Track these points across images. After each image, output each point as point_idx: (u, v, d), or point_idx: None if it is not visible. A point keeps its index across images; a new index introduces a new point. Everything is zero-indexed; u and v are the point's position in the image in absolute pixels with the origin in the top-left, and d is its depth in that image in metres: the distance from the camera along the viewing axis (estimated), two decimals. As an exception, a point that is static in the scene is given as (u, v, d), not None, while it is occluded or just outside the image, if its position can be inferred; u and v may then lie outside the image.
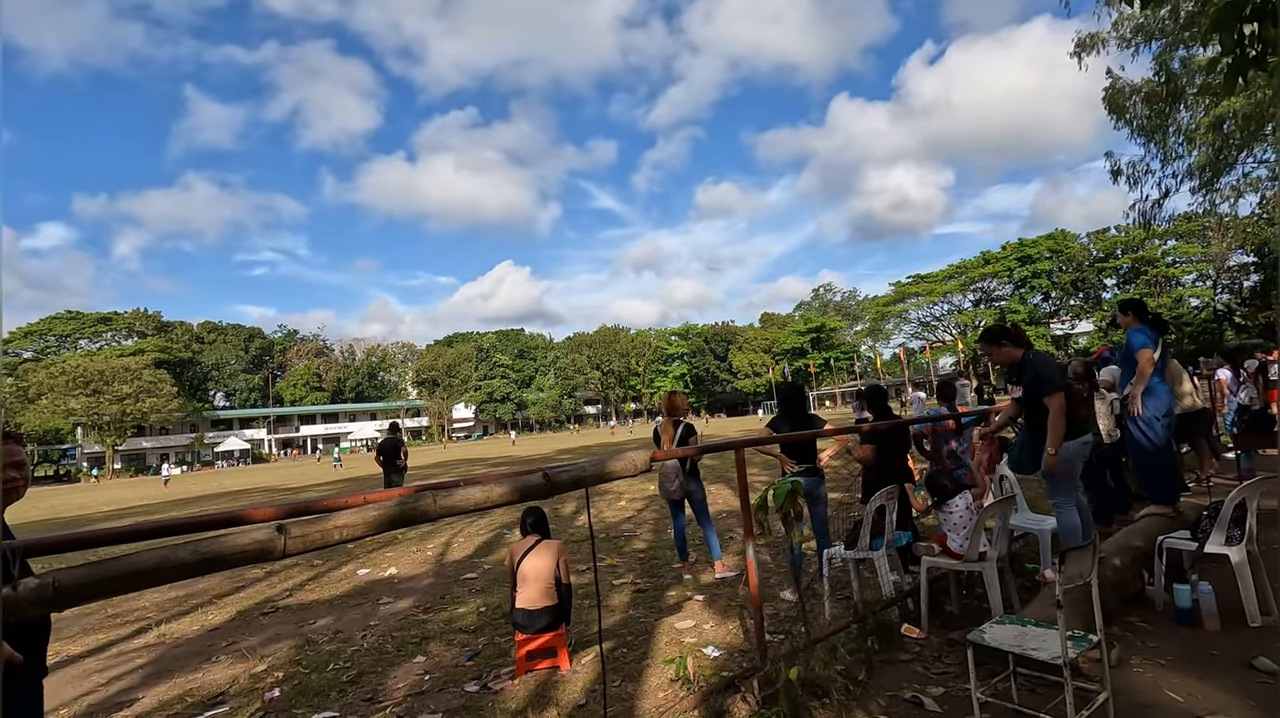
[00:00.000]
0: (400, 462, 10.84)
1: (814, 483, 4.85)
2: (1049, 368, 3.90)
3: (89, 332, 79.04)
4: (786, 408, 5.05)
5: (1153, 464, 5.05)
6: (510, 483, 2.35)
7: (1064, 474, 3.88)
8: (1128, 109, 21.00)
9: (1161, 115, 20.77)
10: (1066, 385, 3.87)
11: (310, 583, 6.96)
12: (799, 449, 4.87)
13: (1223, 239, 51.27)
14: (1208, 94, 19.06)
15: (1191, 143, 21.19)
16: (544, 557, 4.12)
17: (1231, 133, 19.79)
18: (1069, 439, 3.83)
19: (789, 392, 5.13)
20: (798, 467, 4.86)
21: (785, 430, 4.89)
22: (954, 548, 3.92)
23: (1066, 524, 3.86)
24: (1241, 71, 3.68)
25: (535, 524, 4.32)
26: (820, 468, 4.94)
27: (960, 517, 3.92)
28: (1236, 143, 20.22)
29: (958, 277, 72.37)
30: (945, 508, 4.03)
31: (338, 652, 4.64)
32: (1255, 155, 21.44)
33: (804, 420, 4.95)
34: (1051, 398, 3.79)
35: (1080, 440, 3.83)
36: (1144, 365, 4.95)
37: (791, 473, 4.86)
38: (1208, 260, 55.85)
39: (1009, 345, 4.08)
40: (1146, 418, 5.00)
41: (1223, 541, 3.83)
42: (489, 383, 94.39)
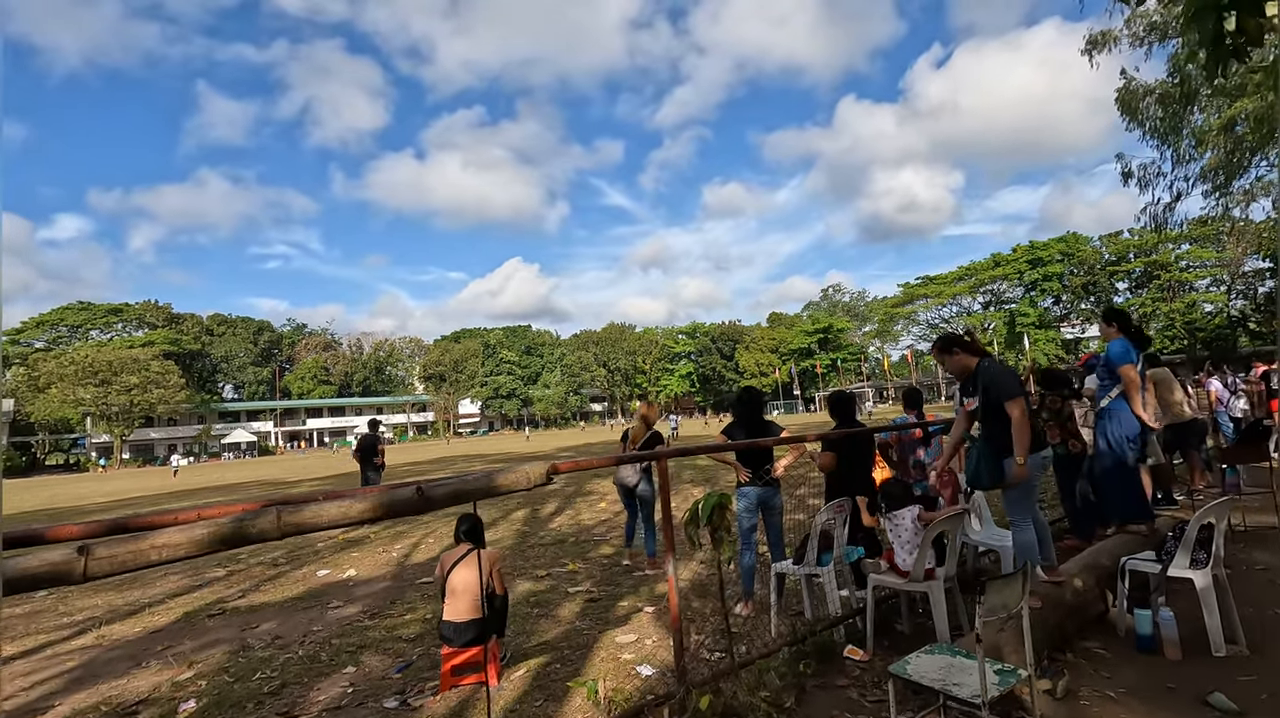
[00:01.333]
0: (378, 459, 10.70)
1: (769, 493, 4.65)
2: (1007, 375, 3.68)
3: (100, 322, 79.75)
4: (742, 414, 4.85)
5: (1112, 485, 4.82)
6: (376, 498, 2.17)
7: (1022, 489, 3.66)
8: (1140, 110, 20.59)
9: (1175, 117, 20.35)
10: (1026, 392, 3.65)
11: (267, 583, 6.83)
12: (755, 458, 4.66)
13: (1238, 244, 50.35)
14: (1222, 95, 18.65)
15: (1203, 145, 20.76)
16: (474, 567, 3.94)
17: (1244, 135, 19.36)
18: (1039, 451, 3.62)
19: (744, 397, 4.92)
20: (751, 476, 4.66)
21: (741, 438, 4.69)
22: (901, 564, 3.72)
23: (1022, 542, 3.65)
24: (1221, 62, 3.51)
25: (468, 532, 4.14)
26: (776, 477, 4.73)
27: (907, 530, 3.72)
28: (1249, 145, 19.79)
29: (967, 278, 71.70)
30: (893, 519, 3.83)
31: (270, 659, 4.49)
32: (1269, 159, 20.98)
33: (760, 427, 4.75)
34: (1013, 404, 3.57)
35: (1040, 454, 3.61)
36: (1132, 381, 4.73)
37: (745, 482, 4.67)
38: (1222, 265, 54.91)
39: (962, 354, 3.87)
40: (1115, 439, 4.78)
41: (1187, 563, 3.61)
42: (495, 379, 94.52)
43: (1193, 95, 19.37)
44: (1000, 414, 3.65)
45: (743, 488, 4.67)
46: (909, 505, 3.84)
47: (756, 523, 4.69)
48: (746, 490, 4.65)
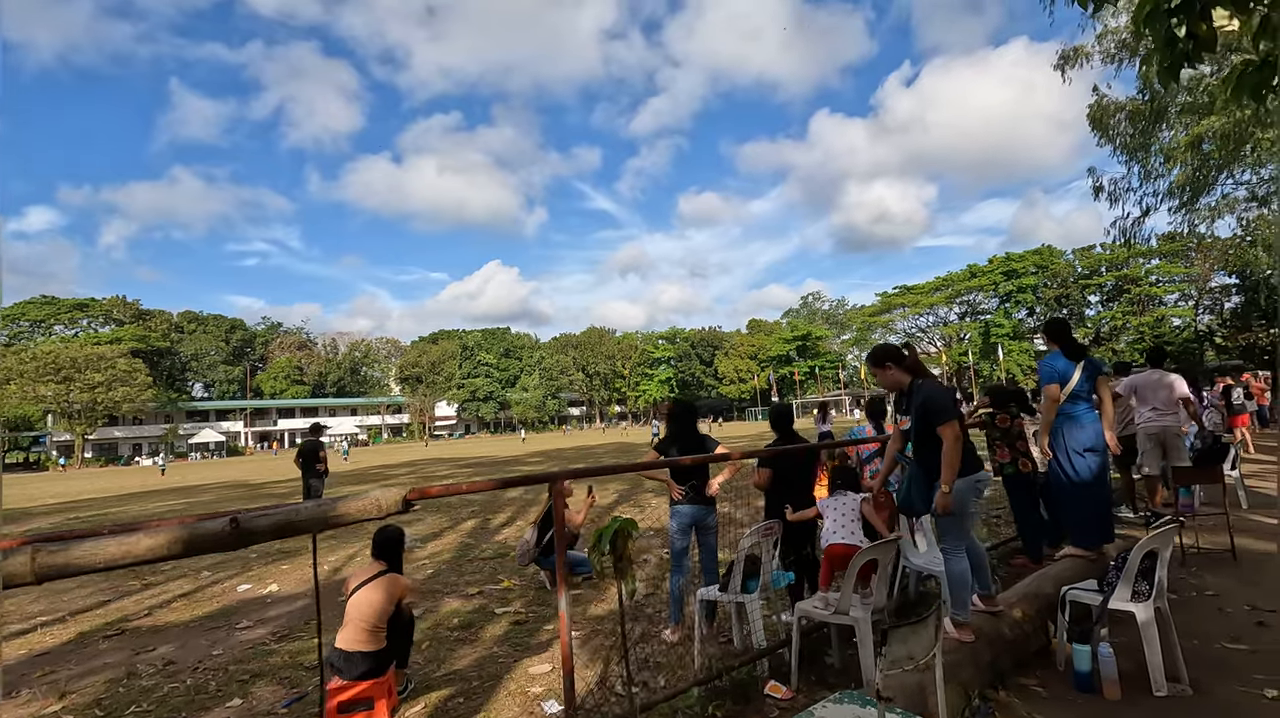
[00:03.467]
0: (320, 466, 10.26)
1: (703, 511, 4.37)
2: (941, 395, 3.45)
3: (64, 318, 77.61)
4: (676, 428, 4.56)
5: (1073, 503, 4.61)
6: (173, 533, 1.84)
7: (955, 515, 3.42)
8: (1111, 126, 20.81)
9: (1144, 134, 20.59)
10: (961, 414, 3.42)
11: (182, 599, 6.41)
12: (689, 474, 4.38)
13: (1204, 260, 51.43)
14: (1191, 113, 18.86)
15: (1171, 161, 21.00)
16: (380, 591, 3.61)
17: (1211, 153, 19.60)
18: (961, 476, 3.37)
19: (677, 410, 4.64)
20: (684, 493, 4.38)
21: (674, 453, 4.41)
22: (826, 536, 3.57)
23: (955, 572, 3.40)
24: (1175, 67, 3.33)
25: (381, 549, 3.80)
26: (711, 495, 4.45)
27: (848, 510, 3.54)
28: (1216, 163, 20.04)
29: (944, 289, 72.40)
30: (837, 496, 3.66)
31: (153, 689, 4.12)
32: (1235, 177, 21.28)
33: (695, 442, 4.47)
34: (946, 427, 3.34)
35: (974, 478, 3.37)
36: (1048, 404, 4.53)
37: (678, 500, 4.39)
38: (1190, 281, 56.02)
39: (894, 369, 3.63)
40: (1068, 450, 4.57)
41: (1129, 596, 3.39)
42: (472, 382, 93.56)
43: (1162, 112, 19.61)
44: (933, 437, 3.41)
45: (675, 507, 4.39)
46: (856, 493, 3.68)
47: (689, 544, 4.41)
48: (679, 509, 4.38)
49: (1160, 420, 6.55)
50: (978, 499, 3.42)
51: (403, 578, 3.72)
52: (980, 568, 3.67)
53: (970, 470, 3.38)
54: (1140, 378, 6.86)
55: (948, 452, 3.32)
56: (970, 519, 3.44)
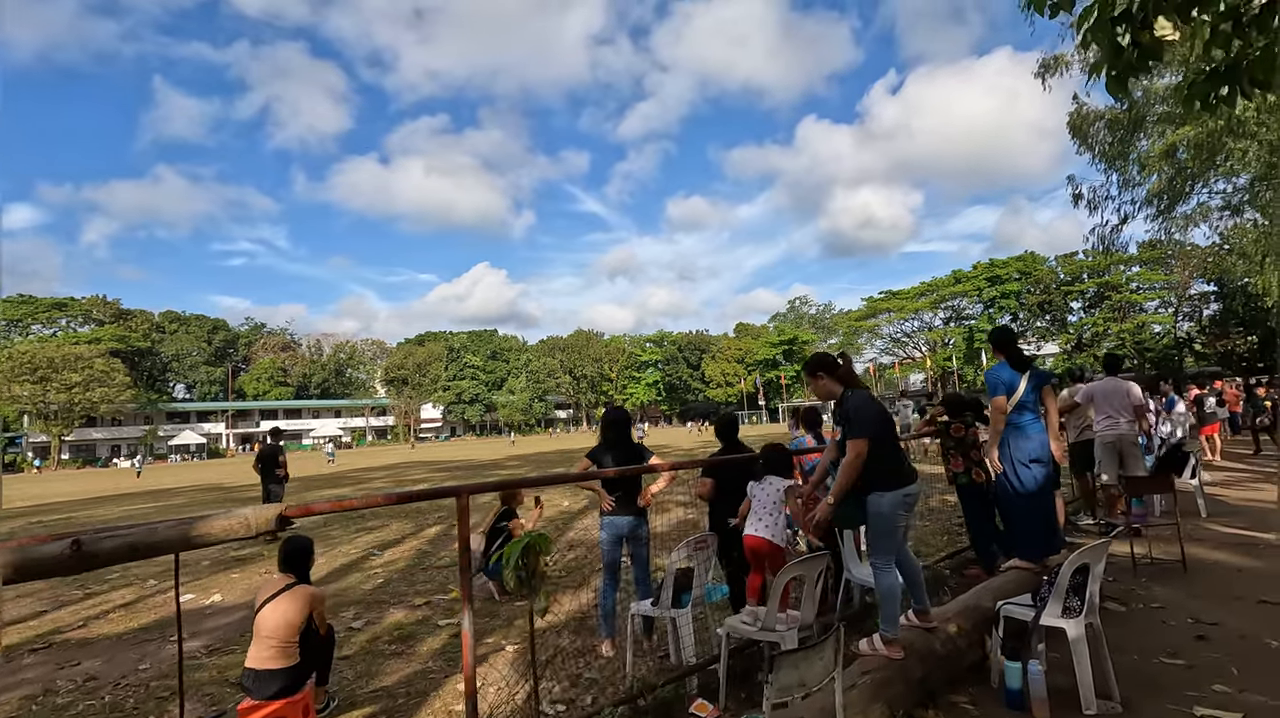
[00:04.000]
0: (280, 471, 10.06)
1: (635, 522, 4.26)
2: (864, 409, 3.38)
3: (42, 317, 76.44)
4: (610, 436, 4.47)
5: (1019, 516, 4.56)
6: (2, 556, 1.73)
7: (882, 529, 3.34)
8: (1090, 135, 21.04)
9: (1122, 142, 20.83)
10: (877, 432, 3.34)
11: (122, 609, 6.24)
12: (621, 484, 4.28)
13: (1184, 268, 52.07)
14: (1168, 122, 19.07)
15: (1147, 169, 21.21)
16: (289, 605, 3.48)
17: (1185, 162, 19.79)
18: (889, 490, 3.31)
19: (611, 417, 4.55)
20: (615, 503, 4.28)
21: (607, 462, 4.31)
22: (751, 531, 3.50)
23: (883, 587, 3.33)
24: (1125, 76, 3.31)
25: (288, 560, 3.66)
26: (644, 505, 4.36)
27: (770, 501, 3.48)
28: (1190, 172, 20.25)
29: (929, 294, 72.83)
30: (762, 484, 3.59)
31: (67, 707, 3.97)
32: (1210, 186, 21.52)
33: (628, 451, 4.38)
34: (853, 443, 3.29)
35: (901, 493, 3.30)
36: (995, 416, 4.48)
37: (609, 511, 4.29)
38: (1170, 288, 56.66)
39: (826, 379, 3.56)
40: (1014, 461, 4.52)
41: (1059, 612, 3.33)
42: (458, 384, 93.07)
43: (1140, 121, 19.84)
44: (877, 444, 3.35)
45: (606, 517, 4.29)
46: (785, 479, 3.60)
47: (620, 555, 4.32)
48: (609, 520, 4.28)
49: (1117, 429, 6.54)
50: (907, 514, 3.35)
51: (314, 589, 3.59)
52: (915, 583, 3.61)
53: (898, 484, 3.31)
54: (1098, 386, 6.84)
55: (844, 467, 3.29)
56: (899, 534, 3.37)
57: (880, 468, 3.34)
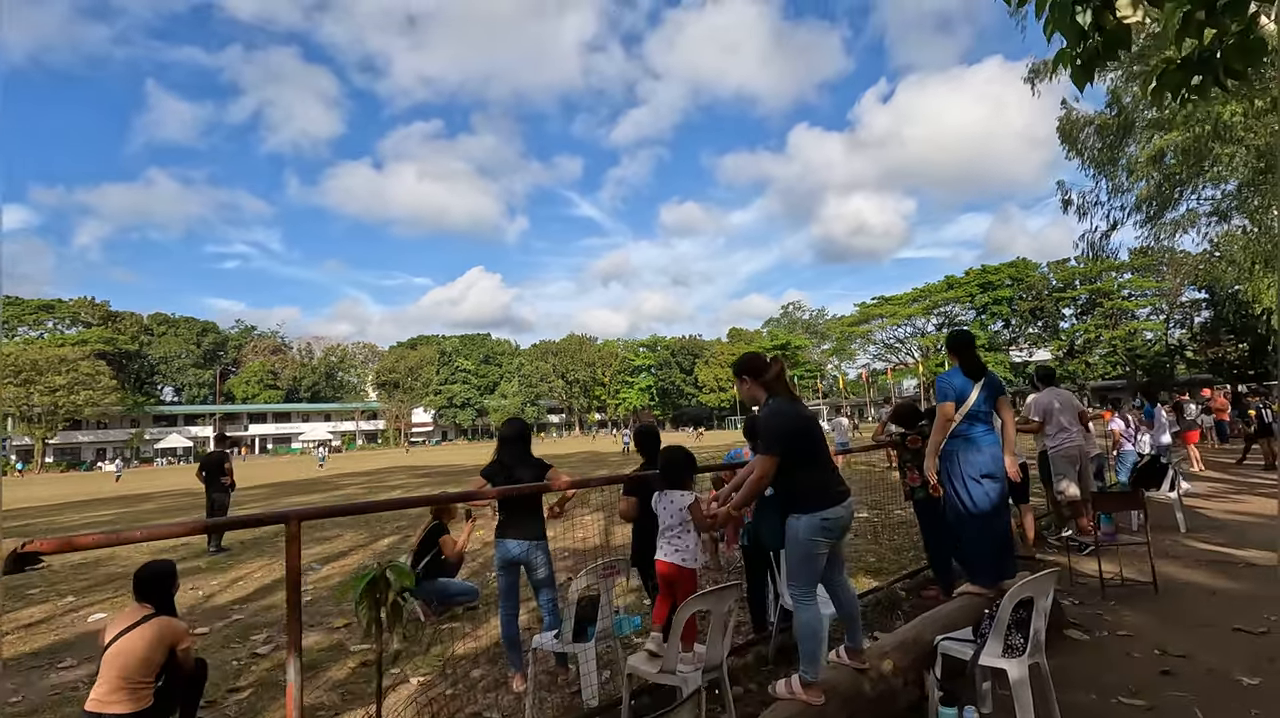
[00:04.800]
0: (225, 479, 9.62)
1: (527, 547, 3.86)
2: (773, 421, 3.02)
3: (29, 319, 75.65)
4: (507, 452, 4.08)
5: (969, 536, 4.20)
6: None
7: (800, 555, 2.98)
8: (1079, 140, 20.86)
9: (1112, 148, 20.67)
10: (791, 448, 2.98)
11: (24, 630, 5.82)
12: (517, 505, 3.90)
13: (1175, 275, 52.01)
14: (1157, 127, 18.88)
15: (1134, 175, 21.03)
16: (143, 639, 3.08)
17: (1173, 168, 19.59)
18: (805, 513, 2.94)
19: (509, 431, 4.17)
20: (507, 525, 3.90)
21: (503, 479, 3.93)
22: (660, 556, 3.15)
23: (800, 622, 2.96)
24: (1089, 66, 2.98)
25: (143, 588, 3.26)
26: (542, 528, 3.98)
27: (674, 519, 3.13)
28: (1178, 178, 20.06)
29: (921, 300, 72.72)
30: (663, 498, 3.24)
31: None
32: (1199, 193, 21.32)
33: (529, 467, 4.00)
34: (759, 460, 2.94)
35: (820, 516, 2.93)
36: (940, 424, 4.13)
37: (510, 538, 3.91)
38: (1161, 295, 56.62)
39: (749, 383, 3.21)
40: (964, 476, 4.16)
41: (1000, 651, 2.96)
42: (449, 388, 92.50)
43: (1129, 127, 19.66)
44: (783, 465, 2.99)
45: (498, 540, 3.92)
46: (688, 491, 3.23)
47: (515, 582, 3.93)
48: (499, 543, 3.90)
49: (1074, 440, 6.26)
50: (829, 541, 2.98)
51: (174, 622, 3.20)
52: (850, 617, 3.23)
53: (817, 507, 2.94)
54: (1045, 398, 6.51)
55: (749, 484, 2.97)
56: (819, 562, 3.00)
57: (796, 488, 2.98)
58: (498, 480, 3.91)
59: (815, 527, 2.91)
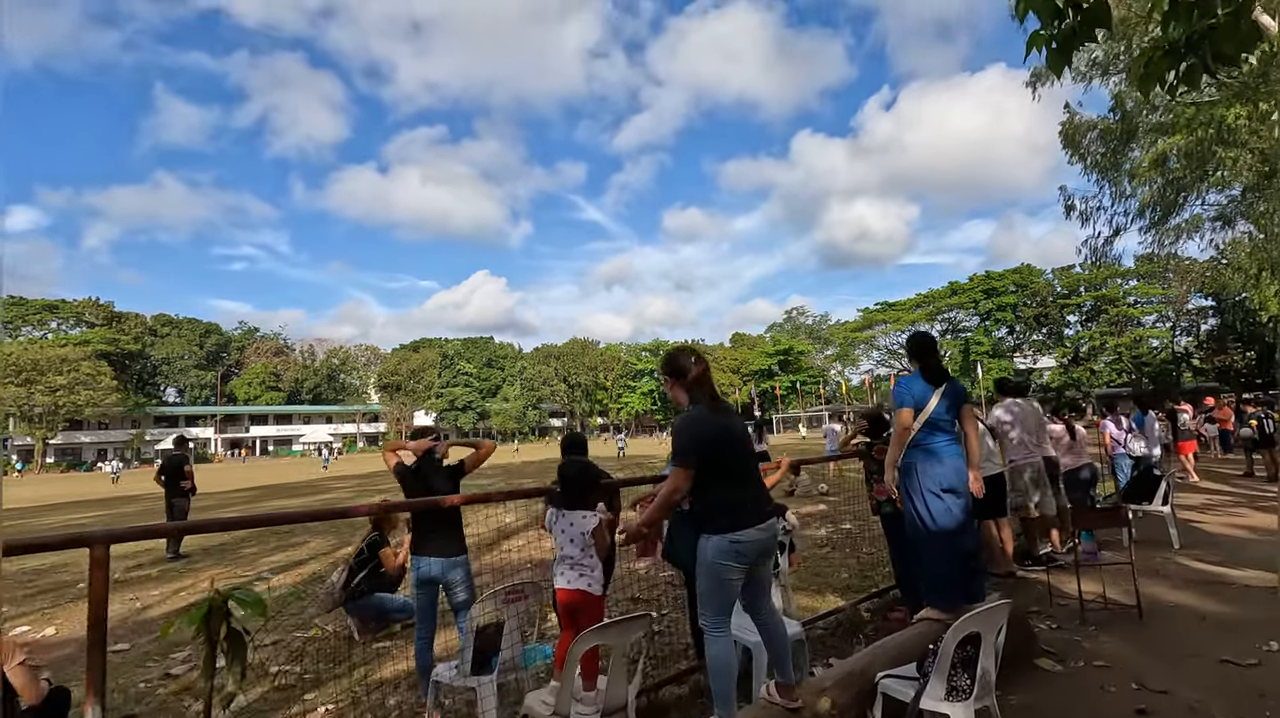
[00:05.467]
0: (185, 483, 9.32)
1: (445, 566, 3.54)
2: (685, 431, 2.70)
3: (33, 319, 75.89)
4: (425, 459, 3.76)
5: (930, 555, 3.85)
6: None
7: (710, 580, 2.64)
8: (1082, 145, 20.55)
9: (1115, 153, 20.36)
10: (706, 460, 2.65)
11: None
12: (434, 518, 3.57)
13: (1182, 282, 51.39)
14: (1160, 132, 18.53)
15: (1137, 179, 20.67)
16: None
17: (1176, 171, 19.23)
18: (715, 534, 2.61)
19: (419, 437, 3.86)
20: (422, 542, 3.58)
21: (416, 487, 3.61)
22: (561, 583, 2.83)
23: (711, 656, 2.62)
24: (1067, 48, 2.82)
25: None
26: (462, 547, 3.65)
27: (575, 544, 2.80)
28: (1181, 183, 19.70)
29: (925, 306, 72.17)
30: (562, 519, 2.92)
31: None
32: (1203, 197, 20.93)
33: (443, 479, 3.68)
34: (671, 474, 2.62)
35: (729, 538, 2.60)
36: (897, 433, 3.80)
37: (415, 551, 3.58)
38: (1168, 302, 55.95)
39: (674, 386, 2.89)
40: (923, 490, 3.82)
41: (943, 693, 2.62)
42: (450, 391, 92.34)
43: (1133, 132, 19.36)
44: (695, 479, 2.67)
45: (413, 557, 3.60)
46: (592, 512, 2.90)
47: (433, 603, 3.61)
48: (415, 561, 3.59)
49: (1033, 456, 5.93)
50: (743, 566, 2.63)
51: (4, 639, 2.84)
52: (778, 650, 2.89)
53: (728, 527, 2.60)
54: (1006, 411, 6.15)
55: (660, 497, 2.67)
56: (733, 590, 2.66)
57: (707, 505, 2.66)
58: (415, 492, 3.59)
59: (724, 549, 2.58)
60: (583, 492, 2.99)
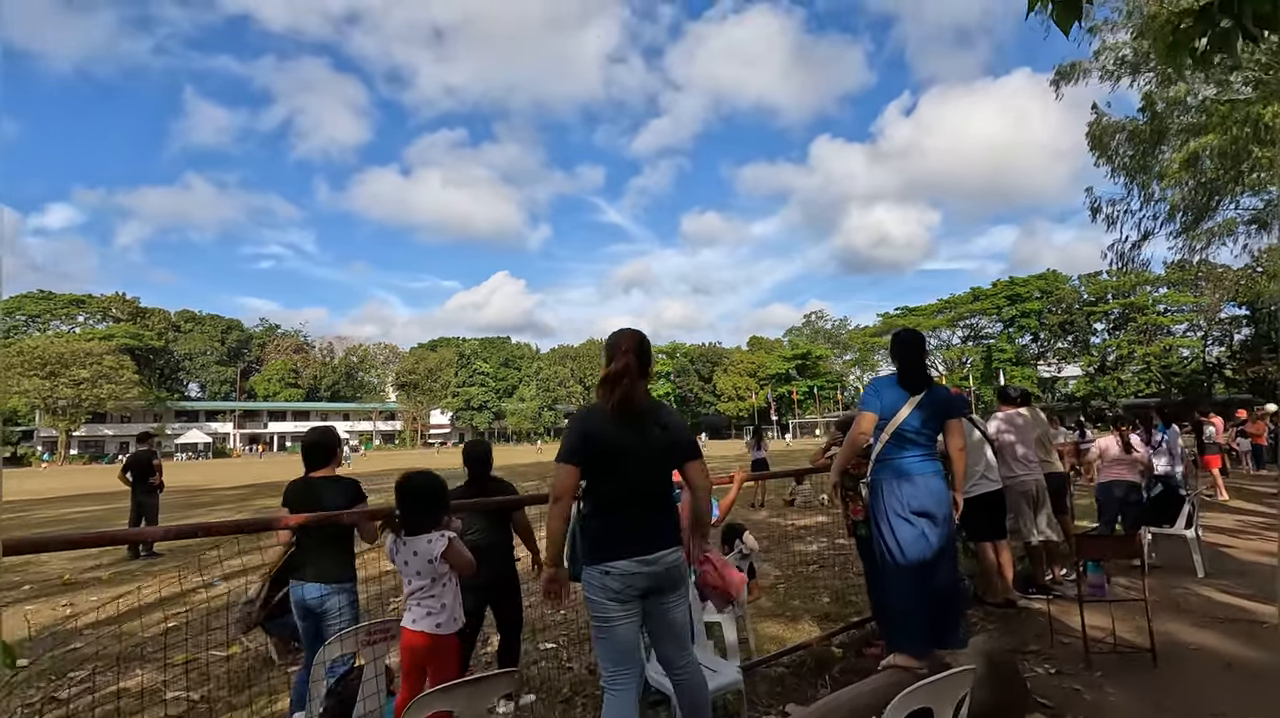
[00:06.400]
0: (153, 479, 8.97)
1: (323, 593, 3.06)
2: (570, 426, 2.22)
3: (61, 313, 77.52)
4: (309, 463, 3.31)
5: (895, 590, 3.29)
6: None
7: (597, 627, 2.13)
8: (1111, 147, 19.74)
9: (1144, 155, 19.53)
10: (584, 463, 2.13)
11: None
12: (316, 537, 3.10)
13: (1215, 290, 49.67)
14: (1192, 133, 17.69)
15: (1166, 179, 19.78)
16: None
17: (1209, 172, 18.33)
18: (590, 561, 2.11)
19: (310, 441, 3.38)
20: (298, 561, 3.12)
21: (301, 502, 3.14)
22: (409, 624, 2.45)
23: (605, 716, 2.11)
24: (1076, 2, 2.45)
25: None
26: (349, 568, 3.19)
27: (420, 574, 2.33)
28: (1214, 185, 18.81)
29: (946, 311, 70.86)
30: (403, 546, 2.45)
31: None
32: (1237, 201, 19.98)
33: (334, 490, 3.21)
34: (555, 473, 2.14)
35: (602, 568, 2.08)
36: (849, 438, 3.25)
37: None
38: (1199, 311, 54.14)
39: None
40: (888, 513, 3.26)
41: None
42: (467, 390, 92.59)
43: (1163, 133, 18.53)
44: (588, 489, 2.18)
45: (292, 581, 3.14)
46: (439, 533, 2.40)
47: (315, 634, 3.14)
48: (291, 586, 3.16)
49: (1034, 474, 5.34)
50: (623, 604, 2.11)
51: None
52: (692, 709, 2.37)
53: (603, 554, 2.09)
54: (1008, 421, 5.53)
55: (549, 510, 2.15)
56: (620, 633, 2.13)
57: (584, 527, 2.16)
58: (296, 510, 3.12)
59: (594, 583, 2.08)
60: (426, 512, 2.50)
